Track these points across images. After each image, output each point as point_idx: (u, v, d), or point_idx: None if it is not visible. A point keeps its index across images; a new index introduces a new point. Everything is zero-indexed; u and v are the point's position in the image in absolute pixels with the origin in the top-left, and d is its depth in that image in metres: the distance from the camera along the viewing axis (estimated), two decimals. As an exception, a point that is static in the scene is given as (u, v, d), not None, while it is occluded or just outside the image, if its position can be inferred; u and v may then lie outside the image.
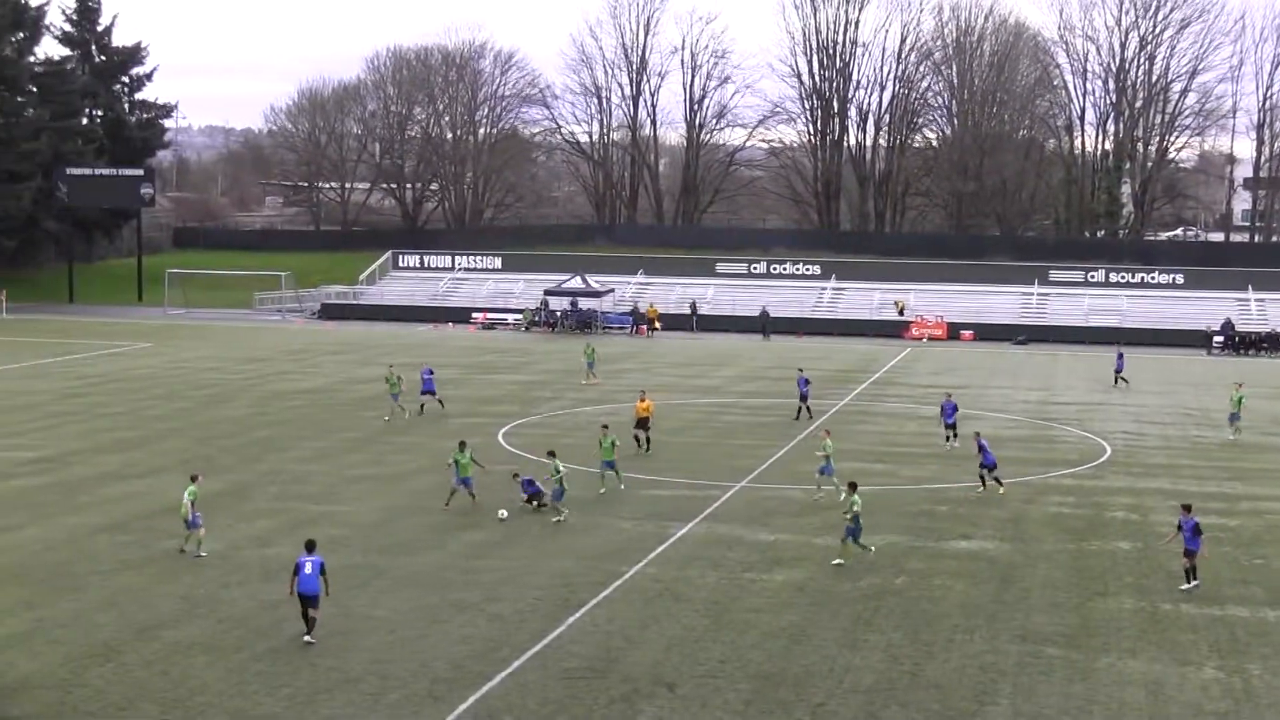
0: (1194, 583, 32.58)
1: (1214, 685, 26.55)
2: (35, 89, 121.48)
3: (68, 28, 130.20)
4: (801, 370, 59.75)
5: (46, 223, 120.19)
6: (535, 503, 39.62)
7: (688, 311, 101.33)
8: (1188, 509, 33.14)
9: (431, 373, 58.34)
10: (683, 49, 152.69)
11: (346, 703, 24.96)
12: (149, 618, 29.61)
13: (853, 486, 35.39)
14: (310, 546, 29.12)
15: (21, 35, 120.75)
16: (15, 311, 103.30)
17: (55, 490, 42.43)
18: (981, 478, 43.33)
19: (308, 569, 28.28)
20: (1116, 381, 69.94)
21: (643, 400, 50.48)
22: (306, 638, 28.06)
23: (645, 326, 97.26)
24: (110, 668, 26.67)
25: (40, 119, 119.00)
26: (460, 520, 38.79)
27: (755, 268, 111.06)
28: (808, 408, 56.98)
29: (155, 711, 24.50)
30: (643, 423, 49.21)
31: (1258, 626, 30.31)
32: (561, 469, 39.28)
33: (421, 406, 56.89)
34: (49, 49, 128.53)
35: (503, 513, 38.62)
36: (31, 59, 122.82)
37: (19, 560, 34.34)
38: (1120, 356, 71.67)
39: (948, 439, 50.84)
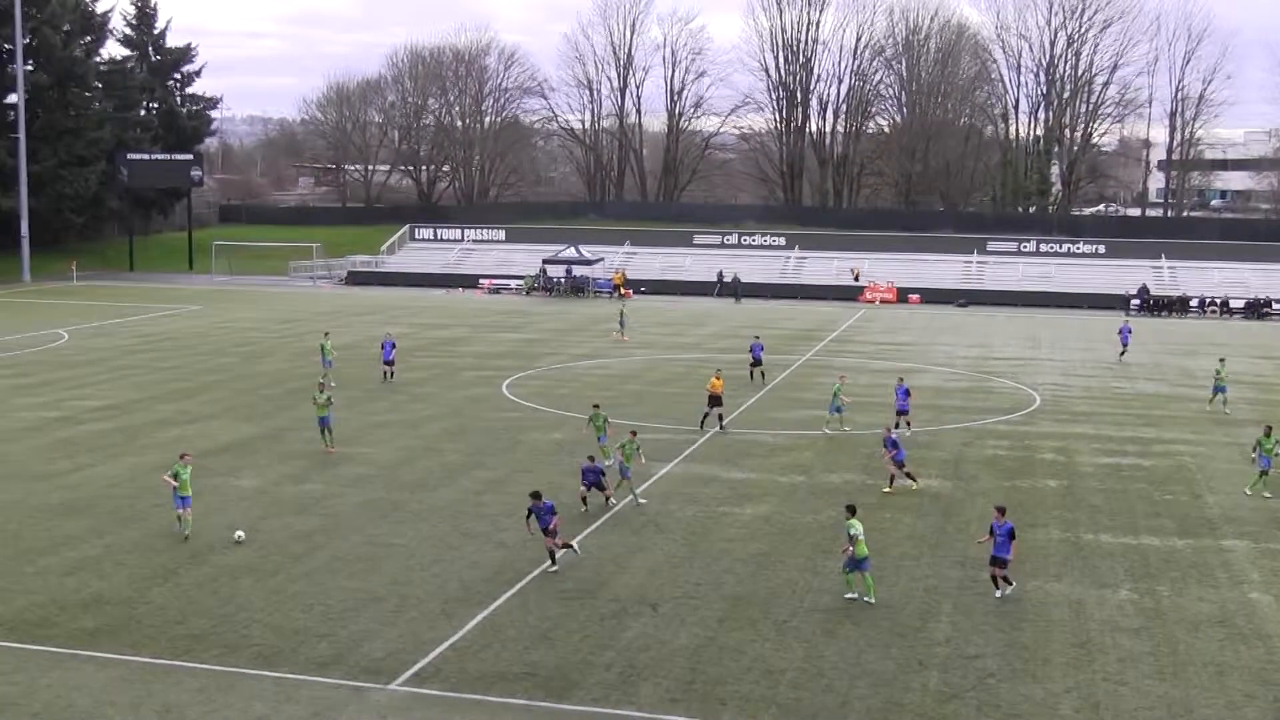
0: (1008, 588, 26.85)
1: (1128, 605, 26.69)
2: (100, 85, 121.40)
3: (128, 31, 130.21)
4: (758, 337, 58.23)
5: (110, 201, 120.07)
6: (600, 490, 33.27)
7: (724, 280, 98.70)
8: (1002, 511, 27.13)
9: (394, 345, 54.74)
10: (664, 47, 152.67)
11: (371, 619, 25.03)
12: (200, 544, 29.66)
13: (851, 510, 27.18)
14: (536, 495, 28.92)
15: (89, 39, 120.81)
16: (84, 279, 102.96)
17: (119, 434, 42.43)
18: (909, 474, 36.54)
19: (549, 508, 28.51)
20: (1121, 354, 63.87)
21: (717, 378, 45.02)
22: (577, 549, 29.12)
23: (630, 290, 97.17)
24: (168, 587, 26.77)
25: (105, 111, 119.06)
26: (470, 460, 38.81)
27: (728, 239, 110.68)
28: (761, 371, 54.76)
29: (207, 625, 24.60)
30: (715, 399, 44.03)
31: (1168, 554, 30.43)
32: (636, 448, 34.42)
33: (385, 374, 53.75)
34: (112, 50, 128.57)
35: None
36: (97, 59, 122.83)
37: (89, 494, 34.41)
38: (1125, 330, 65.20)
39: (906, 424, 43.28)
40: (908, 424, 43.47)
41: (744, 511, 33.46)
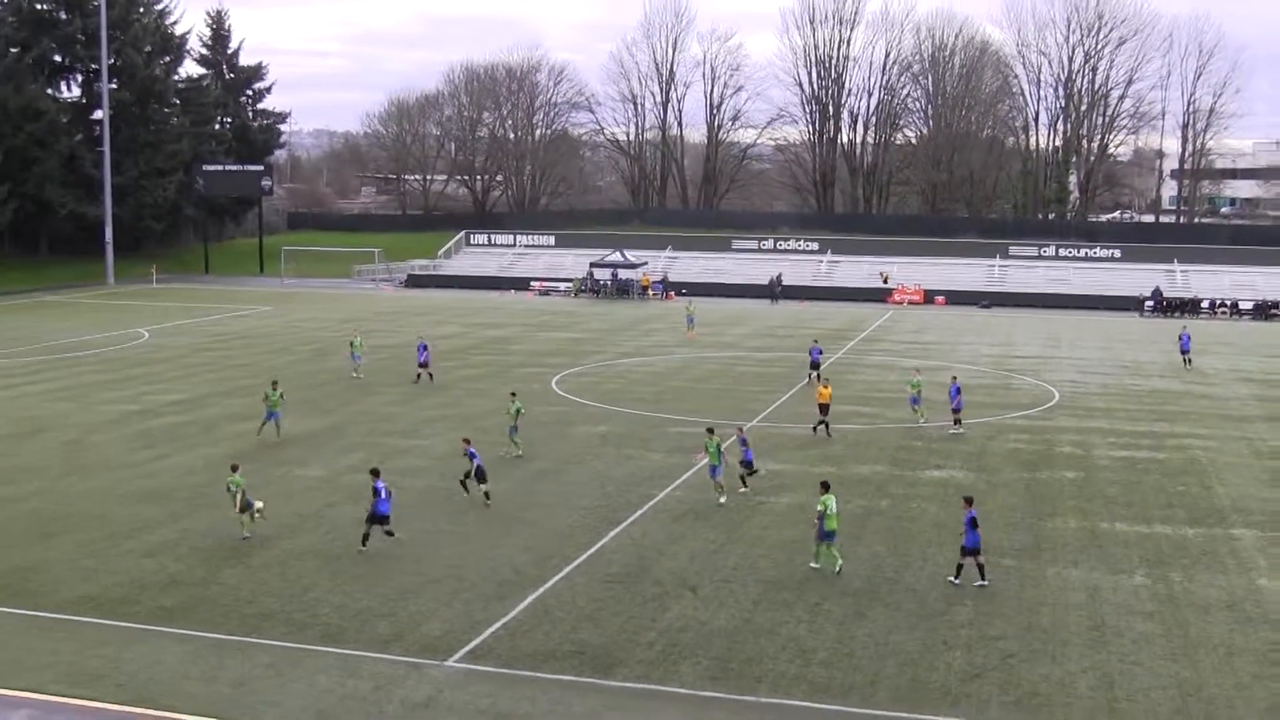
0: (956, 577, 26.48)
1: (1142, 590, 26.49)
2: (178, 101, 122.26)
3: (204, 51, 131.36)
4: (816, 341, 56.64)
5: (187, 209, 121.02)
6: (471, 478, 32.60)
7: (766, 283, 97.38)
8: (969, 501, 26.77)
9: (425, 348, 53.46)
10: (704, 63, 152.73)
11: (429, 599, 25.14)
12: (269, 529, 29.83)
13: (825, 486, 27.80)
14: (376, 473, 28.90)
15: (168, 58, 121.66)
16: (162, 282, 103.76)
17: (194, 426, 42.74)
18: (742, 478, 34.18)
19: (384, 493, 28.26)
20: (1187, 363, 60.23)
21: (825, 387, 43.29)
22: (363, 549, 28.34)
23: (672, 293, 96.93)
24: (240, 569, 26.97)
25: (182, 126, 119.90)
26: (521, 453, 38.86)
27: (764, 244, 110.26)
28: (812, 375, 52.49)
29: (276, 604, 24.77)
30: (823, 408, 42.05)
31: (1180, 542, 30.18)
32: (717, 445, 33.19)
33: (418, 376, 52.56)
34: (190, 69, 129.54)
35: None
36: (176, 78, 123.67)
37: (167, 482, 34.69)
38: (1185, 337, 61.50)
39: (957, 422, 43.26)
40: (957, 421, 43.14)
41: (779, 501, 33.39)
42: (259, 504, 29.65)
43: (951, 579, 26.64)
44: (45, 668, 21.57)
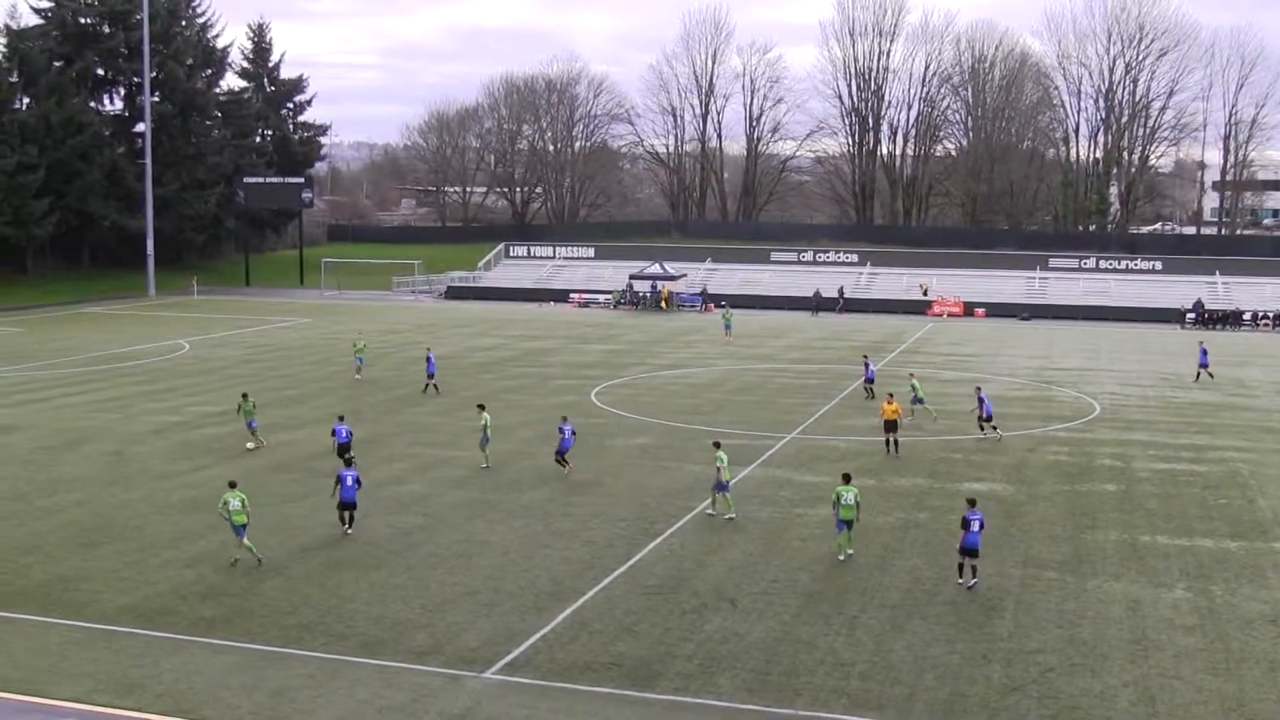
0: (974, 580, 27.00)
1: (1183, 603, 26.26)
2: (220, 114, 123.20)
3: (246, 64, 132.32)
4: (866, 356, 56.42)
5: (228, 221, 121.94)
6: (343, 455, 35.80)
7: (844, 296, 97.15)
8: (972, 503, 27.46)
9: (432, 360, 53.94)
10: (744, 75, 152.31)
11: (467, 611, 25.19)
12: (308, 540, 30.02)
13: (845, 478, 29.38)
14: (349, 462, 30.80)
15: (210, 72, 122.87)
16: (203, 293, 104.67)
17: (233, 438, 42.95)
18: (560, 463, 36.95)
19: (349, 481, 30.09)
20: (1199, 376, 58.98)
21: (890, 403, 41.98)
22: (348, 531, 30.42)
23: (712, 304, 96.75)
24: (279, 580, 27.11)
25: (224, 138, 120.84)
26: (559, 466, 38.91)
27: (803, 256, 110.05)
28: (870, 389, 52.29)
29: (315, 615, 24.88)
30: (890, 425, 41.34)
31: (1221, 555, 29.90)
32: (724, 459, 33.01)
33: (425, 387, 53.07)
34: (231, 82, 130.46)
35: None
36: (217, 90, 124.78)
37: (207, 493, 34.85)
38: (1203, 351, 60.24)
39: (993, 428, 43.60)
40: (994, 428, 43.55)
41: (817, 513, 33.27)
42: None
43: (961, 581, 27.08)
44: (85, 677, 21.75)
